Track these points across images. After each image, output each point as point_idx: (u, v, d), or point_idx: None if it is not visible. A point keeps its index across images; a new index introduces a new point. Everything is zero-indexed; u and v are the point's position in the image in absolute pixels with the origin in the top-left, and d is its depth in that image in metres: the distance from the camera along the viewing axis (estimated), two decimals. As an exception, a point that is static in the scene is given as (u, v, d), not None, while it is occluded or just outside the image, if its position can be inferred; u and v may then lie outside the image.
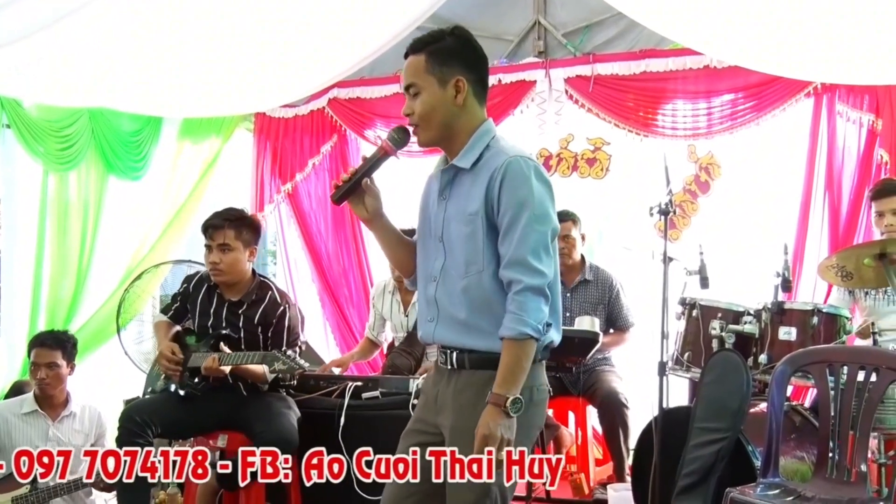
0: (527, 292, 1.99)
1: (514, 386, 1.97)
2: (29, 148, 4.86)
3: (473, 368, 2.08)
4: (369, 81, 5.41)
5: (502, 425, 1.94)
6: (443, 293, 2.11)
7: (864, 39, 3.82)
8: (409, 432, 2.22)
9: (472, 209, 2.06)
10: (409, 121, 2.12)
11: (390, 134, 2.15)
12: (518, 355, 1.99)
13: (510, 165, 2.02)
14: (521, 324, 1.98)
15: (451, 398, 2.11)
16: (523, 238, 2.00)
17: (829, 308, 3.36)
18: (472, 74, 2.10)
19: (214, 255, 3.44)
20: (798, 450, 3.17)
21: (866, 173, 4.38)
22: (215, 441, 3.53)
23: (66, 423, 3.82)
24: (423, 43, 2.11)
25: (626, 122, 4.85)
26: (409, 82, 2.10)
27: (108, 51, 4.31)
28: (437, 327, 2.13)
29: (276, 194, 5.73)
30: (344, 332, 5.60)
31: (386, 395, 3.68)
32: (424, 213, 2.23)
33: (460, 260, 2.08)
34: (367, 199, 2.16)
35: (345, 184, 2.14)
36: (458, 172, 2.12)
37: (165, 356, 3.44)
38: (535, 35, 5.17)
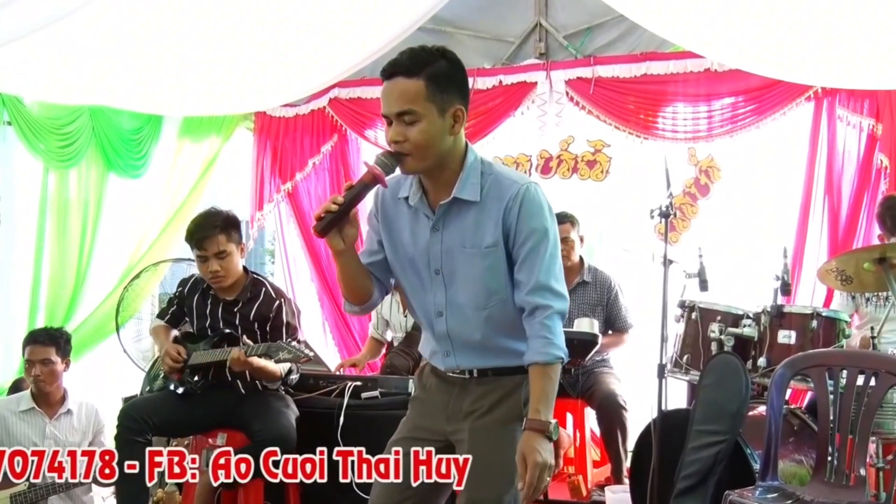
0: (554, 316, 2.01)
1: (550, 410, 1.99)
2: (29, 145, 4.86)
3: (496, 376, 2.10)
4: (370, 81, 5.40)
5: (549, 451, 1.96)
6: (454, 325, 2.09)
7: (865, 43, 3.82)
8: (403, 440, 2.18)
9: (489, 241, 2.03)
10: (396, 147, 1.96)
11: (379, 159, 1.98)
12: (551, 378, 2.01)
13: (526, 194, 2.01)
14: (553, 347, 2.00)
15: (469, 404, 2.11)
16: (547, 265, 2.02)
17: (828, 312, 3.37)
18: (465, 102, 2.02)
19: (213, 265, 3.40)
20: (796, 453, 3.18)
21: (866, 178, 4.39)
22: (214, 439, 3.53)
23: (63, 420, 3.82)
24: (418, 66, 1.95)
25: (627, 125, 4.85)
26: (406, 109, 1.93)
27: (109, 49, 4.31)
28: (457, 358, 2.12)
29: (276, 193, 5.72)
30: (342, 331, 5.59)
31: (385, 394, 3.68)
32: (402, 246, 2.13)
33: (478, 292, 2.06)
34: (347, 229, 2.00)
35: (331, 214, 1.95)
36: (458, 204, 2.04)
37: (171, 356, 3.44)
38: (536, 37, 5.17)
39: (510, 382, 2.08)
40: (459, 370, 2.14)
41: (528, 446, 1.94)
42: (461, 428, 2.10)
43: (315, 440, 3.51)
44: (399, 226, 2.13)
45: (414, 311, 2.22)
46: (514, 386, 2.08)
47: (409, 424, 2.21)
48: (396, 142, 1.96)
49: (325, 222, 1.95)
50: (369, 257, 2.18)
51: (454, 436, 2.12)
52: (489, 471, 2.04)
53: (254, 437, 3.31)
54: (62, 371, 3.82)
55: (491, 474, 2.04)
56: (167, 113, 5.43)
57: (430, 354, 2.20)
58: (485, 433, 2.06)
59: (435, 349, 2.16)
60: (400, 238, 2.12)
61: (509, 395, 2.08)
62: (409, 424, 2.21)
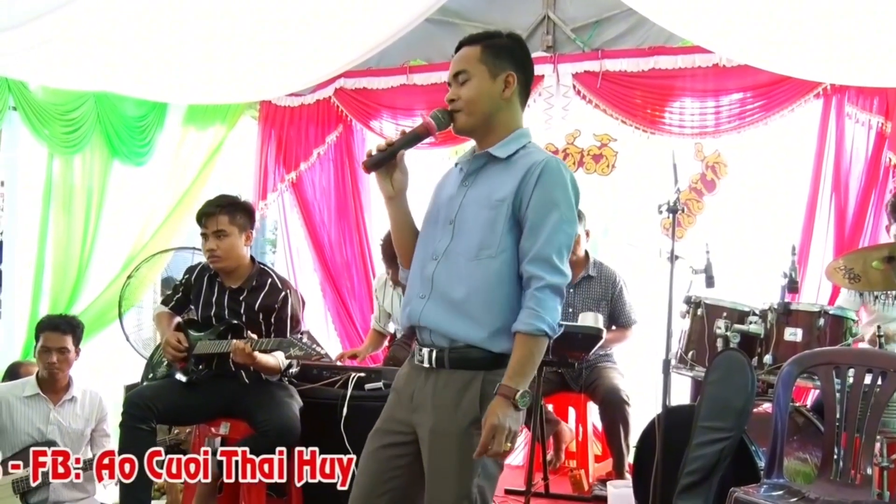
0: (547, 290, 2.01)
1: (523, 379, 1.99)
2: (34, 130, 4.84)
3: (452, 368, 2.07)
4: (376, 72, 5.39)
5: (510, 417, 1.95)
6: (442, 272, 2.09)
7: (875, 41, 3.80)
8: (379, 431, 2.19)
9: (499, 196, 2.07)
10: (450, 106, 2.12)
11: (434, 113, 2.13)
12: (531, 350, 2.00)
13: (549, 164, 2.06)
14: (539, 320, 1.99)
15: (429, 397, 2.09)
16: (551, 236, 2.02)
17: (835, 310, 3.36)
18: (521, 74, 2.14)
19: (211, 242, 3.44)
20: (801, 451, 3.17)
21: (874, 176, 4.36)
22: (217, 428, 3.53)
23: (67, 407, 3.82)
24: (480, 37, 2.14)
25: (634, 119, 4.83)
26: (460, 69, 2.12)
27: (114, 35, 4.29)
28: (426, 305, 2.10)
29: (280, 183, 5.70)
30: (345, 322, 5.59)
31: (388, 386, 3.64)
32: (436, 200, 2.23)
33: (472, 242, 2.08)
34: (397, 175, 2.15)
35: (380, 152, 2.12)
36: (489, 162, 2.14)
37: (172, 344, 3.44)
38: (543, 30, 5.14)
39: (464, 377, 2.05)
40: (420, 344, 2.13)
41: (490, 410, 1.96)
42: (423, 424, 2.08)
43: (318, 431, 3.52)
44: (446, 186, 2.24)
45: (415, 255, 2.22)
46: (468, 381, 2.05)
47: (385, 415, 2.22)
48: (451, 101, 2.13)
49: (374, 160, 2.12)
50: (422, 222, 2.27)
51: (419, 430, 2.10)
52: (444, 479, 2.04)
53: (257, 427, 3.31)
54: (74, 360, 3.83)
55: (447, 484, 2.04)
56: (172, 100, 5.42)
57: (407, 300, 2.18)
58: (442, 440, 2.05)
59: (415, 291, 2.14)
60: (439, 194, 2.23)
61: (464, 392, 2.04)
62: (385, 415, 2.22)
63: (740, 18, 4.02)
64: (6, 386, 3.96)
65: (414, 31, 4.94)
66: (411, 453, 2.11)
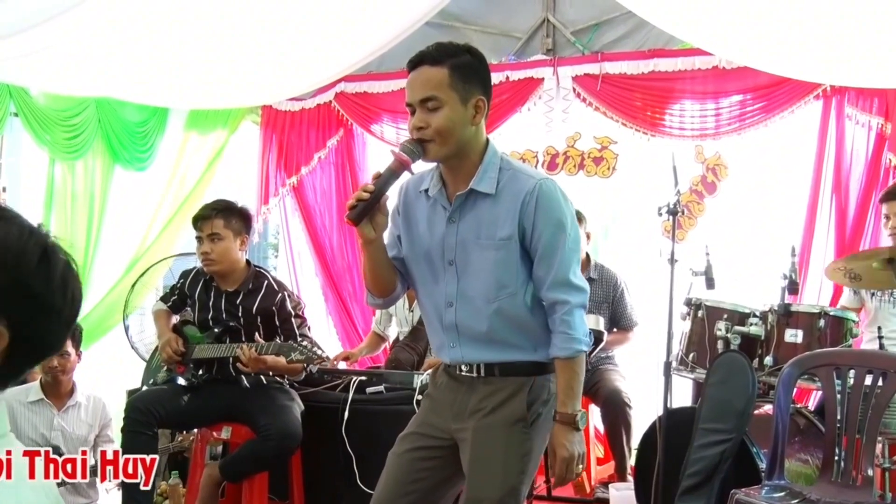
0: (574, 311, 2.05)
1: (576, 401, 2.05)
2: (36, 136, 4.86)
3: (503, 375, 2.11)
4: (377, 76, 5.41)
5: (576, 442, 2.03)
6: (465, 317, 2.10)
7: (875, 42, 3.80)
8: (410, 435, 2.20)
9: (503, 234, 2.05)
10: (417, 134, 2.01)
11: (404, 146, 2.03)
12: (575, 371, 2.06)
13: (542, 189, 2.03)
14: (574, 342, 2.04)
15: (475, 403, 2.11)
16: (564, 259, 2.04)
17: (836, 311, 3.36)
18: (487, 95, 2.08)
19: (205, 246, 3.45)
20: (802, 452, 3.17)
21: (874, 177, 4.37)
22: (219, 433, 3.53)
23: (71, 412, 3.82)
24: (443, 55, 2.01)
25: (634, 122, 4.83)
26: (430, 95, 1.99)
27: (115, 41, 4.30)
28: (462, 350, 2.12)
29: (282, 187, 5.72)
30: (347, 326, 5.59)
31: (390, 389, 3.67)
32: (418, 236, 2.15)
33: (488, 284, 2.07)
34: (379, 218, 2.04)
35: (363, 202, 1.98)
36: (472, 195, 2.08)
37: (172, 347, 3.45)
38: (543, 33, 5.15)
39: (515, 383, 2.10)
40: (465, 364, 2.14)
41: (556, 440, 2.03)
42: (465, 427, 2.11)
43: (320, 434, 3.53)
44: (417, 218, 2.16)
45: (422, 302, 2.23)
46: (518, 387, 2.09)
47: (419, 420, 2.23)
48: (419, 128, 2.00)
49: (358, 210, 1.99)
50: (390, 251, 2.20)
51: (458, 434, 2.12)
52: (489, 472, 2.05)
53: (259, 431, 3.31)
54: (76, 363, 3.84)
55: (491, 475, 2.05)
56: (173, 105, 5.43)
57: (437, 347, 2.22)
58: (486, 433, 2.07)
59: (442, 341, 2.17)
60: (417, 229, 2.16)
61: (513, 396, 2.09)
62: (418, 419, 2.23)
63: (740, 20, 4.02)
64: (10, 391, 3.91)
65: (414, 34, 4.95)
66: (442, 457, 2.13)
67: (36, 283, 1.06)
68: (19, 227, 1.07)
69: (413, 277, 2.21)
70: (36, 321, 1.07)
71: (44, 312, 1.07)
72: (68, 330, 1.14)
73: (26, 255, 1.06)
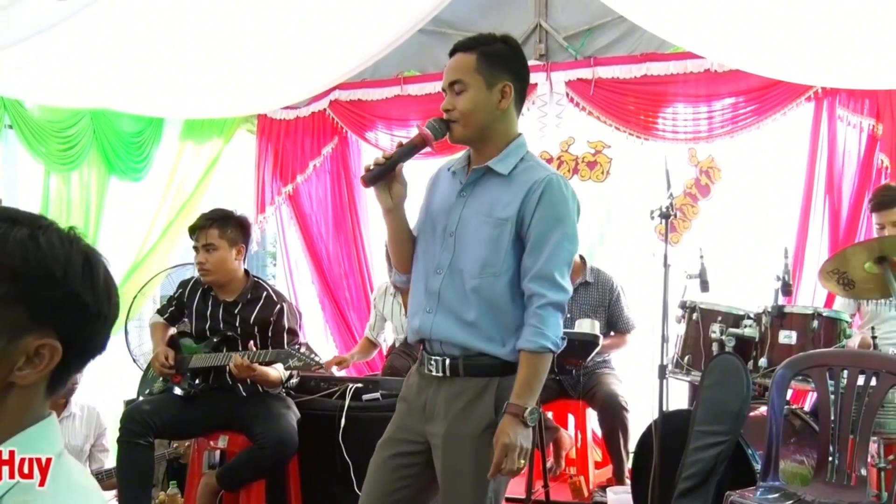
0: (549, 307, 2.03)
1: (531, 397, 2.01)
2: (31, 148, 4.87)
3: (467, 375, 2.09)
4: (371, 84, 5.42)
5: (522, 435, 1.99)
6: (448, 288, 2.11)
7: (865, 44, 3.82)
8: (389, 440, 2.20)
9: (503, 214, 2.08)
10: (446, 115, 2.11)
11: (430, 123, 2.12)
12: (537, 367, 2.03)
13: (551, 182, 2.06)
14: (542, 337, 2.02)
15: (442, 406, 2.10)
16: (553, 254, 2.04)
17: (829, 312, 3.36)
18: (517, 83, 2.13)
19: (200, 256, 3.46)
20: (798, 453, 3.18)
21: (867, 178, 4.38)
22: (216, 442, 3.54)
23: (66, 423, 3.84)
24: (476, 42, 2.10)
25: (627, 126, 4.85)
26: (456, 78, 2.09)
27: (110, 52, 4.32)
28: (435, 319, 2.11)
29: (277, 196, 5.73)
30: (344, 334, 5.60)
31: (386, 396, 3.68)
32: (432, 207, 2.22)
33: (476, 259, 2.09)
34: (396, 187, 2.14)
35: (378, 166, 2.10)
36: (488, 175, 2.13)
37: (159, 360, 3.47)
38: (536, 38, 5.17)
39: (480, 384, 2.08)
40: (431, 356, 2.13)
41: (501, 429, 1.99)
42: (436, 432, 2.10)
43: (317, 442, 3.54)
44: (438, 191, 2.24)
45: (414, 269, 2.24)
46: (483, 387, 2.07)
47: (396, 424, 2.23)
48: (446, 111, 2.11)
49: (373, 174, 2.10)
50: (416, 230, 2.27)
51: (431, 439, 2.13)
52: (460, 487, 2.06)
53: (255, 439, 3.32)
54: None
55: (462, 492, 2.06)
56: (168, 115, 5.44)
57: (412, 313, 2.20)
58: (456, 446, 2.07)
59: (420, 304, 2.16)
60: (434, 199, 2.23)
61: (479, 398, 2.07)
62: (395, 424, 2.23)
63: (731, 24, 4.04)
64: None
65: (407, 41, 4.97)
66: (421, 462, 2.13)
67: (85, 293, 1.03)
68: (59, 237, 1.04)
69: (417, 242, 2.24)
70: (86, 329, 1.05)
71: (93, 320, 1.06)
72: (110, 332, 1.12)
73: (72, 265, 1.02)
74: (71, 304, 1.02)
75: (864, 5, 3.63)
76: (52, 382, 1.06)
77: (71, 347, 1.04)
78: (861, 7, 3.64)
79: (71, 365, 1.07)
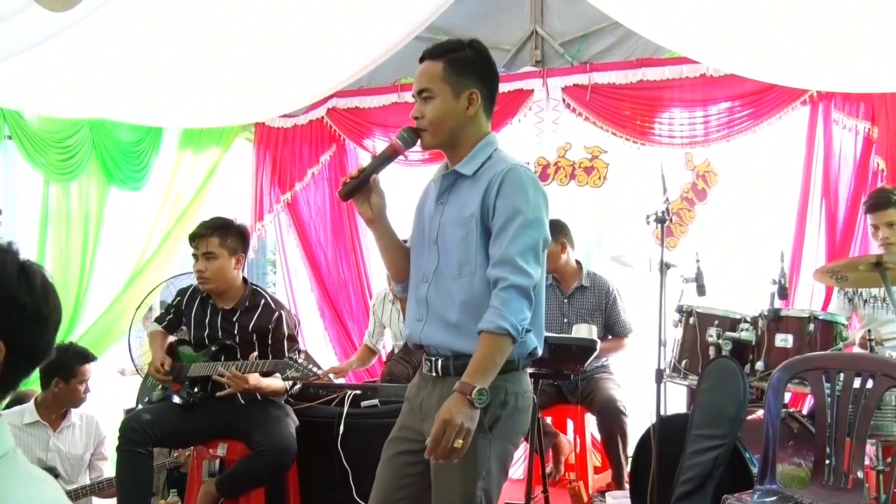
0: (511, 290, 2.01)
1: (483, 378, 1.98)
2: (30, 159, 4.90)
3: (458, 375, 2.08)
4: (367, 91, 5.44)
5: (464, 414, 1.94)
6: (434, 294, 2.14)
7: (860, 47, 3.83)
8: (393, 440, 2.24)
9: (467, 213, 2.10)
10: (416, 123, 2.14)
11: (400, 133, 2.16)
12: (493, 349, 2.00)
13: (509, 172, 2.07)
14: (501, 318, 1.99)
15: (434, 404, 2.11)
16: (514, 240, 2.03)
17: (825, 315, 3.36)
18: (485, 89, 2.15)
19: (200, 264, 3.46)
20: (796, 456, 3.17)
21: (863, 181, 4.39)
22: (215, 450, 3.54)
23: (66, 433, 3.83)
24: (442, 50, 2.13)
25: (624, 131, 4.86)
26: (423, 87, 2.12)
27: (108, 62, 4.34)
28: (424, 327, 2.15)
29: (276, 204, 5.75)
30: (343, 341, 5.61)
31: (384, 403, 3.69)
32: (420, 218, 2.26)
33: (453, 261, 2.12)
34: (373, 198, 2.18)
35: (353, 180, 2.15)
36: (459, 179, 2.16)
37: (156, 367, 3.48)
38: (532, 44, 5.19)
39: None
40: (426, 356, 2.17)
41: (445, 405, 1.97)
42: (429, 430, 2.08)
43: (316, 449, 3.55)
44: (425, 203, 2.27)
45: (410, 279, 2.27)
46: None
47: (399, 424, 2.27)
48: (416, 118, 2.14)
49: (348, 188, 2.16)
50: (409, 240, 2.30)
51: (427, 434, 2.11)
52: (448, 484, 2.07)
53: (254, 447, 3.33)
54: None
55: (450, 489, 2.07)
56: (167, 124, 5.47)
57: (408, 323, 2.24)
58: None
59: (413, 315, 2.21)
60: (422, 212, 2.26)
61: None
62: (398, 424, 2.27)
63: (725, 28, 4.06)
64: (5, 414, 3.93)
65: (403, 49, 4.99)
66: (423, 461, 2.13)
67: (21, 295, 1.13)
68: None
69: (411, 256, 2.27)
70: (27, 330, 1.15)
71: (33, 321, 1.15)
72: (55, 334, 1.21)
73: (6, 269, 1.14)
74: (9, 305, 1.12)
75: (858, 9, 3.64)
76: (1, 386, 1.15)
77: (15, 349, 1.14)
78: (855, 11, 3.65)
79: (18, 368, 1.16)
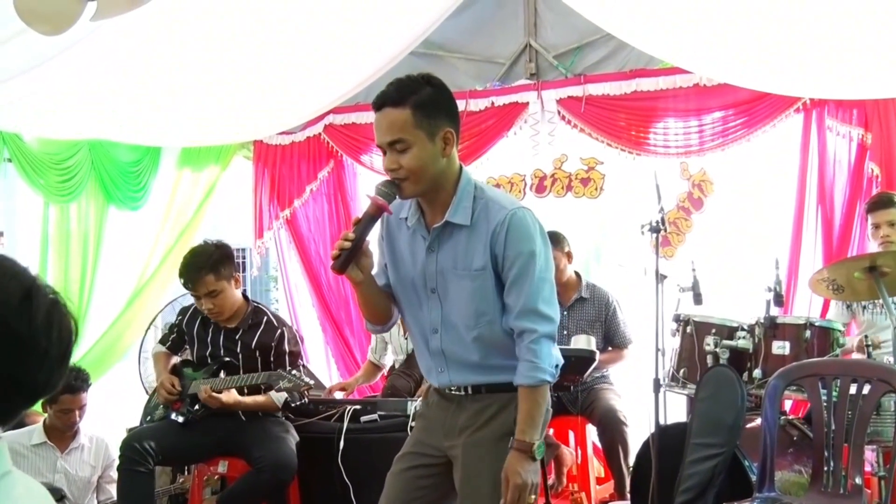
0: (541, 340, 2.06)
1: (536, 431, 2.04)
2: (30, 181, 4.93)
3: (490, 392, 2.14)
4: (364, 107, 5.45)
5: (530, 471, 2.02)
6: (449, 344, 2.15)
7: (852, 55, 3.85)
8: (406, 454, 2.25)
9: (477, 265, 2.09)
10: (391, 175, 2.05)
11: (379, 189, 2.06)
12: (537, 401, 2.06)
13: (513, 219, 2.06)
14: (539, 371, 2.05)
15: (464, 420, 2.15)
16: (534, 288, 2.06)
17: (822, 322, 3.37)
18: (454, 124, 2.09)
19: (206, 303, 3.46)
20: (796, 463, 3.17)
21: (858, 187, 4.40)
22: (216, 467, 3.55)
23: (74, 455, 3.82)
24: (403, 94, 2.02)
25: (619, 142, 4.88)
26: (396, 138, 2.00)
27: (106, 83, 4.38)
28: (451, 375, 2.17)
29: (275, 220, 5.76)
30: (345, 356, 5.61)
31: (384, 417, 3.70)
32: (402, 265, 2.20)
33: (468, 312, 2.11)
34: (363, 261, 2.10)
35: (345, 251, 2.04)
36: (448, 227, 2.11)
37: (165, 387, 3.49)
38: (526, 57, 5.21)
39: (503, 399, 2.12)
40: (454, 387, 2.18)
41: (510, 466, 2.02)
42: (456, 444, 2.15)
43: (317, 465, 3.55)
44: (400, 246, 2.20)
45: (410, 327, 2.28)
46: (507, 401, 2.12)
47: (413, 439, 2.28)
48: (392, 170, 2.04)
49: (342, 260, 2.04)
50: (381, 279, 2.24)
51: (451, 451, 2.17)
52: (479, 489, 2.09)
53: (254, 463, 3.34)
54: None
55: (482, 493, 2.08)
56: (165, 144, 5.50)
57: (426, 371, 2.26)
58: (475, 450, 2.11)
59: (430, 366, 2.21)
60: (401, 257, 2.20)
61: (502, 410, 2.12)
62: (413, 439, 2.28)
63: (718, 38, 4.09)
64: (12, 435, 3.93)
65: (399, 64, 5.01)
66: (438, 474, 2.18)
67: (17, 324, 1.05)
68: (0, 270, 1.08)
69: (400, 303, 2.25)
70: (20, 361, 1.06)
71: (28, 352, 1.06)
72: (60, 369, 1.11)
73: (6, 294, 1.06)
74: (2, 333, 1.04)
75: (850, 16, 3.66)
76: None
77: (8, 377, 1.05)
78: (847, 18, 3.67)
79: (15, 399, 1.09)
